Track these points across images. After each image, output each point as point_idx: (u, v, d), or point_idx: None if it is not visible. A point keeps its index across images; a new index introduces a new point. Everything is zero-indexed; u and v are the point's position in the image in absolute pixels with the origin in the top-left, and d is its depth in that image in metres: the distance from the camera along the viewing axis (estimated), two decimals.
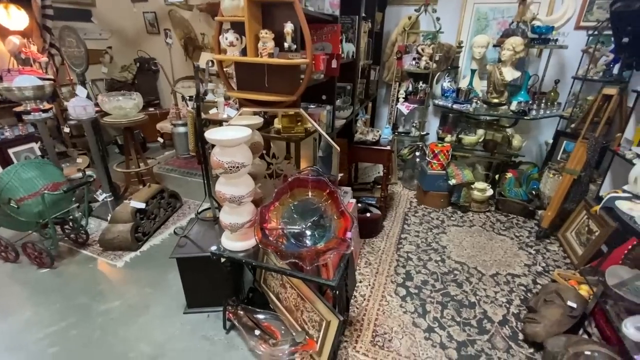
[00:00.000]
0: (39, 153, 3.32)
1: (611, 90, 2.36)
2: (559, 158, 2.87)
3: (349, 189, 2.32)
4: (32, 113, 2.23)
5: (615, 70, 2.43)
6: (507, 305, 1.99)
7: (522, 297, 2.05)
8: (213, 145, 1.32)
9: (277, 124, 2.05)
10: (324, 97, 2.02)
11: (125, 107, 2.78)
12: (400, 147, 3.73)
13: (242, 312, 1.74)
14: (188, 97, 2.88)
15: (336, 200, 1.50)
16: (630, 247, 1.84)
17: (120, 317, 1.87)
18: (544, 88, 3.01)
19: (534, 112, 2.66)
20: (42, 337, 1.73)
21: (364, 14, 2.51)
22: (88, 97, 2.50)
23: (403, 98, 3.44)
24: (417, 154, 3.42)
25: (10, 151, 3.32)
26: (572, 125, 2.78)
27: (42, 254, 2.18)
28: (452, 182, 2.97)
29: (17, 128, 3.48)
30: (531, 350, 1.71)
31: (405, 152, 3.54)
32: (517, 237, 2.71)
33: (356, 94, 2.61)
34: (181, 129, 4.10)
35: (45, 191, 1.98)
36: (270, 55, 1.34)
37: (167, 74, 4.54)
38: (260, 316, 1.76)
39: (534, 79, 2.97)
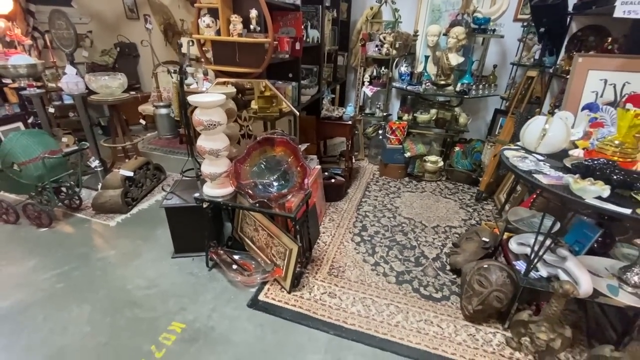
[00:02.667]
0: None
1: (533, 73, 2.83)
2: (496, 132, 3.35)
3: (314, 156, 2.71)
4: (27, 89, 2.46)
5: (537, 56, 2.89)
6: (442, 247, 2.45)
7: (455, 241, 2.51)
8: (194, 110, 1.66)
9: (254, 104, 2.37)
10: (290, 75, 2.37)
11: (111, 86, 3.03)
12: (367, 127, 4.13)
13: (221, 252, 2.10)
14: (173, 70, 3.16)
15: (297, 156, 1.88)
16: (534, 196, 2.33)
17: (116, 262, 2.20)
18: (486, 72, 3.47)
19: (473, 92, 3.11)
20: (48, 277, 2.04)
21: (327, 4, 2.85)
22: (77, 76, 2.74)
23: (368, 82, 3.83)
24: (380, 132, 3.83)
25: None
26: (507, 104, 3.25)
27: (42, 215, 2.45)
28: (407, 154, 3.40)
29: (4, 108, 3.65)
30: (454, 276, 2.17)
31: (369, 131, 3.95)
32: (460, 200, 3.18)
33: (322, 75, 2.97)
34: (163, 111, 4.31)
35: (45, 155, 2.25)
36: (240, 35, 1.68)
37: (147, 57, 4.73)
38: (237, 256, 2.13)
39: (477, 64, 3.41)
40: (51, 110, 3.77)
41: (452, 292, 2.03)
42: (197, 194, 1.90)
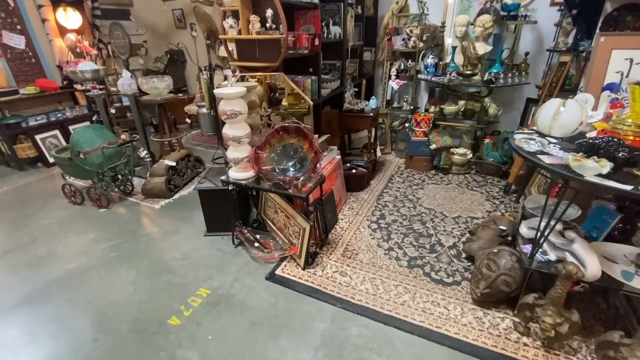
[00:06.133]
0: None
1: (566, 58, 2.69)
2: (528, 122, 3.20)
3: (335, 147, 2.83)
4: (91, 90, 2.91)
5: (570, 40, 2.73)
6: (460, 237, 2.44)
7: (471, 229, 2.48)
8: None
9: (285, 102, 2.57)
10: (310, 69, 2.53)
11: (159, 87, 3.43)
12: (394, 121, 4.16)
13: (246, 231, 2.32)
14: (203, 67, 3.48)
15: (311, 143, 2.03)
16: (559, 186, 2.23)
17: (158, 237, 2.52)
18: (518, 61, 3.33)
19: (501, 81, 3.02)
20: (104, 247, 2.41)
21: (350, 1, 2.97)
22: (131, 78, 3.17)
23: (394, 75, 3.86)
24: (406, 125, 3.84)
25: (71, 127, 4.13)
26: (540, 92, 3.10)
27: (101, 197, 2.88)
28: (433, 146, 3.39)
29: (75, 109, 4.29)
30: (469, 263, 2.16)
31: (396, 124, 3.97)
32: (488, 192, 3.10)
33: (345, 70, 3.09)
34: (204, 110, 4.74)
35: (104, 146, 2.66)
36: (258, 33, 1.87)
37: (193, 62, 5.20)
38: (259, 235, 2.34)
39: (508, 52, 3.29)
40: (112, 111, 4.33)
41: (464, 278, 2.04)
42: (223, 177, 2.13)
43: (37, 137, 3.87)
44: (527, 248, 1.66)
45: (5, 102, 3.69)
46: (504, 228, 2.13)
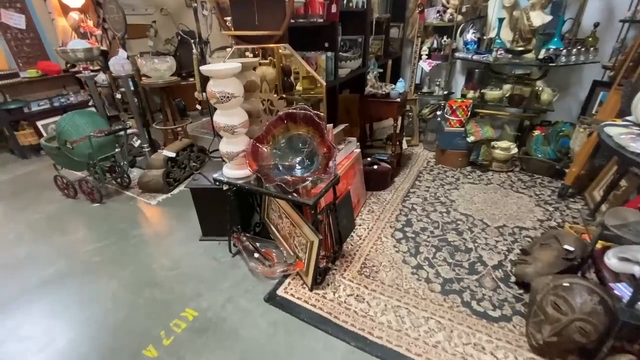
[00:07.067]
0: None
1: None
2: (593, 111, 2.61)
3: (354, 139, 2.40)
4: (82, 72, 2.61)
5: None
6: (506, 253, 1.97)
7: (525, 247, 2.00)
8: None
9: (299, 86, 2.16)
10: (326, 44, 2.08)
11: (160, 69, 3.09)
12: (424, 108, 3.64)
13: (244, 238, 1.96)
14: (192, 41, 3.06)
15: (322, 134, 1.61)
16: None
17: (149, 239, 2.22)
18: (582, 35, 2.72)
19: (563, 59, 2.44)
20: (89, 250, 2.14)
21: None
22: (128, 58, 2.84)
23: (426, 55, 3.33)
24: (438, 113, 3.32)
25: None
26: (611, 74, 2.50)
27: (93, 191, 2.61)
28: (471, 138, 2.87)
29: (80, 94, 4.05)
30: (520, 291, 1.70)
31: (426, 112, 3.46)
32: (537, 195, 2.58)
33: (368, 46, 2.61)
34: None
35: (91, 134, 2.36)
36: None
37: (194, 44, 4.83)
38: (260, 244, 1.97)
39: (570, 24, 2.69)
40: (118, 96, 4.06)
41: (515, 311, 1.59)
42: (215, 175, 1.76)
43: (39, 124, 3.67)
44: (622, 290, 1.18)
45: (6, 85, 3.49)
46: (571, 249, 1.64)
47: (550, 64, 2.47)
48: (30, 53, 3.76)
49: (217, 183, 1.77)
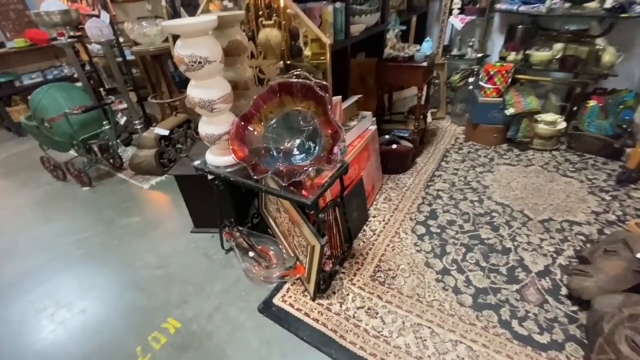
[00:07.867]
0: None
1: None
2: None
3: (369, 113, 2.00)
4: (58, 38, 2.29)
5: None
6: (554, 256, 1.60)
7: (578, 248, 1.63)
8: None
9: (307, 51, 1.77)
10: None
11: (150, 34, 2.72)
12: (453, 74, 3.13)
13: (237, 234, 1.68)
14: None
15: (325, 111, 1.25)
16: None
17: (136, 230, 1.98)
18: None
19: (638, 9, 1.89)
20: (72, 242, 1.93)
21: None
22: (110, 22, 2.48)
23: (458, 9, 2.79)
24: (471, 80, 2.83)
25: None
26: None
27: (81, 174, 2.38)
28: (510, 111, 2.40)
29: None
30: (575, 307, 1.36)
31: (455, 79, 2.96)
32: (590, 180, 2.14)
33: None
34: None
35: (67, 112, 2.08)
36: None
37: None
38: (256, 239, 1.69)
39: None
40: None
41: (568, 336, 1.26)
42: (197, 162, 1.45)
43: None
44: None
45: None
46: None
47: (622, 14, 1.93)
48: (17, 20, 3.46)
49: (199, 172, 1.46)
